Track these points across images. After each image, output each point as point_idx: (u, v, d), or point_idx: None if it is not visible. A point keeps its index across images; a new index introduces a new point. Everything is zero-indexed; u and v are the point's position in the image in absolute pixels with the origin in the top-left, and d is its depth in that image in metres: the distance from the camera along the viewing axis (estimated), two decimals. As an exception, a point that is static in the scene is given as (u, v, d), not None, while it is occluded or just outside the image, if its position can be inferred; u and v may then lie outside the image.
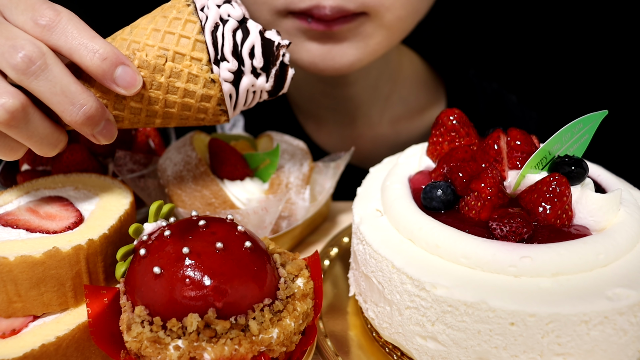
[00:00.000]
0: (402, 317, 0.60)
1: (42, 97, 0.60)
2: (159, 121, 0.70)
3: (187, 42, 0.65)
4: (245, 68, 0.67)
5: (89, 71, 0.62)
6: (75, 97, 0.61)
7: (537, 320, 0.52)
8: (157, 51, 0.65)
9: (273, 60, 0.69)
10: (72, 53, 0.61)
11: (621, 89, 1.55)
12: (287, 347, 0.57)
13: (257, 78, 0.68)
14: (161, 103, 0.67)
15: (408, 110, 1.23)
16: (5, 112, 0.58)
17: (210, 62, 0.66)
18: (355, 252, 0.69)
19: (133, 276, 0.57)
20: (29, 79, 0.59)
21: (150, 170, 0.90)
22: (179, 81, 0.66)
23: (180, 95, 0.67)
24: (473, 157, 0.68)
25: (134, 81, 0.63)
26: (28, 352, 0.56)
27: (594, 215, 0.60)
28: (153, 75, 0.65)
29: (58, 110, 0.61)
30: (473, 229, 0.59)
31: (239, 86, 0.68)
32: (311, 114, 1.24)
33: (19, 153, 0.65)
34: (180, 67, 0.65)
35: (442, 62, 1.28)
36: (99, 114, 0.63)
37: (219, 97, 0.68)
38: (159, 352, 0.52)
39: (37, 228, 0.65)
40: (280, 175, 0.86)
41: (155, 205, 0.62)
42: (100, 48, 0.61)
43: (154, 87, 0.66)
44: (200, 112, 0.69)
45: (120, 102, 0.66)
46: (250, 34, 0.67)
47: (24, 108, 0.59)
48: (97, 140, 0.65)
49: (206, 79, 0.66)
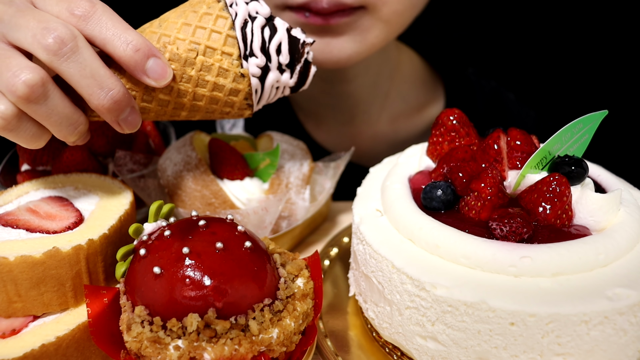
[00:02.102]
0: (402, 317, 0.60)
1: (71, 79, 0.61)
2: (184, 114, 0.71)
3: (219, 37, 0.67)
4: (272, 64, 0.69)
5: (121, 62, 0.63)
6: (103, 81, 0.62)
7: (537, 320, 0.52)
8: (188, 45, 0.66)
9: (298, 58, 0.71)
10: (105, 43, 0.62)
11: (621, 89, 1.55)
12: (287, 347, 0.57)
13: (282, 74, 0.71)
14: (190, 96, 0.69)
15: (407, 107, 1.23)
16: (25, 86, 0.58)
17: (241, 57, 0.68)
18: (355, 252, 0.69)
19: (133, 276, 0.57)
20: (59, 60, 0.59)
21: (150, 170, 0.90)
22: (209, 75, 0.68)
23: (210, 88, 0.68)
24: (473, 157, 0.68)
25: (164, 73, 0.65)
26: (28, 352, 0.56)
27: (594, 215, 0.60)
28: (184, 68, 0.67)
29: (86, 94, 0.62)
30: (473, 229, 0.59)
31: (265, 81, 0.70)
32: (311, 112, 1.24)
33: (40, 141, 0.64)
34: (211, 61, 0.67)
35: (440, 60, 1.28)
36: (125, 99, 0.63)
37: (247, 91, 0.70)
38: (159, 352, 0.52)
39: (37, 228, 0.65)
40: (280, 175, 0.86)
41: (155, 205, 0.62)
42: (133, 39, 0.62)
43: (183, 80, 0.67)
44: (227, 106, 0.71)
45: (149, 94, 0.67)
46: (278, 31, 0.69)
47: (43, 83, 0.59)
48: (120, 128, 0.66)
49: (236, 74, 0.68)
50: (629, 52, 1.55)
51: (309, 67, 0.73)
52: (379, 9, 0.91)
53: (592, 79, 1.57)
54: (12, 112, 0.60)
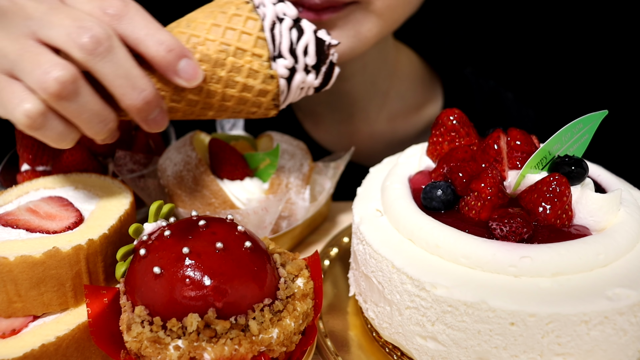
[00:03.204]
0: (402, 317, 0.60)
1: (104, 79, 0.61)
2: (211, 113, 0.71)
3: (249, 38, 0.67)
4: (299, 65, 0.70)
5: (153, 62, 0.63)
6: (136, 82, 0.62)
7: (537, 320, 0.52)
8: (218, 46, 0.67)
9: (323, 59, 0.72)
10: (138, 43, 0.62)
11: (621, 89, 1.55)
12: (287, 347, 0.57)
13: (308, 75, 0.72)
14: (219, 96, 0.69)
15: (405, 107, 1.24)
16: (57, 83, 0.58)
17: (270, 58, 0.69)
18: (355, 252, 0.69)
19: (133, 276, 0.57)
20: (94, 59, 0.59)
21: (150, 170, 0.90)
22: (239, 76, 0.68)
23: (239, 89, 0.69)
24: (473, 157, 0.68)
25: (196, 74, 0.65)
26: (28, 352, 0.56)
27: (594, 215, 0.60)
28: (214, 69, 0.67)
29: (118, 93, 0.62)
30: (473, 229, 0.59)
31: (291, 82, 0.71)
32: (309, 111, 1.24)
33: (67, 140, 0.64)
34: (241, 62, 0.67)
35: (439, 59, 1.28)
36: (155, 100, 0.64)
37: (275, 92, 0.70)
38: (159, 352, 0.52)
39: (37, 228, 0.65)
40: (280, 175, 0.86)
41: (155, 205, 0.62)
42: (166, 40, 0.62)
43: (213, 81, 0.68)
44: (254, 106, 0.72)
45: (178, 94, 0.67)
46: (305, 33, 0.70)
47: (74, 80, 0.59)
48: (148, 127, 0.66)
49: (265, 75, 0.69)
50: (628, 52, 1.55)
51: (333, 68, 0.74)
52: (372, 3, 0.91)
53: (591, 79, 1.57)
54: (38, 110, 0.60)
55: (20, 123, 0.60)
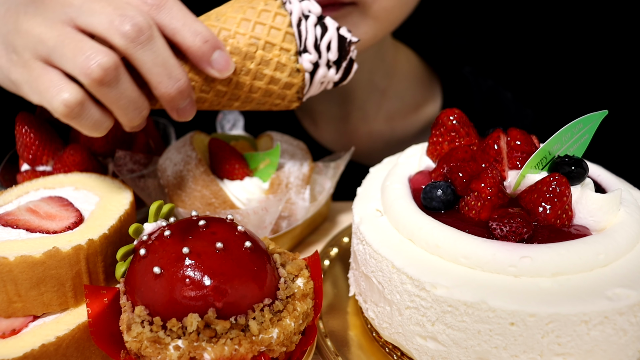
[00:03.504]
0: (402, 317, 0.60)
1: (143, 66, 0.63)
2: (237, 104, 0.75)
3: (278, 33, 0.71)
4: (322, 60, 0.74)
5: (189, 52, 0.65)
6: (172, 71, 0.64)
7: (537, 320, 0.52)
8: (248, 40, 0.70)
9: (344, 55, 0.76)
10: (175, 33, 0.64)
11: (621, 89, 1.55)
12: (287, 347, 0.57)
13: (329, 70, 0.76)
14: (247, 88, 0.73)
15: (404, 106, 1.24)
16: (100, 69, 0.60)
17: (297, 53, 0.72)
18: (355, 252, 0.69)
19: (133, 276, 0.57)
20: (135, 47, 0.61)
21: (150, 170, 0.90)
22: (267, 69, 0.71)
23: (266, 81, 0.72)
24: (473, 157, 0.68)
25: (228, 65, 0.68)
26: (28, 352, 0.56)
27: (594, 215, 0.60)
28: (244, 61, 0.70)
29: (155, 81, 0.64)
30: (473, 229, 0.59)
31: (314, 76, 0.75)
32: (308, 110, 1.24)
33: (102, 128, 0.65)
34: (270, 55, 0.71)
35: (437, 58, 1.28)
36: (188, 90, 0.67)
37: (300, 85, 0.74)
38: (159, 352, 0.52)
39: (37, 228, 0.65)
40: (280, 175, 0.86)
41: (155, 205, 0.62)
42: (202, 31, 0.65)
43: (242, 73, 0.71)
44: (279, 98, 0.75)
45: (208, 85, 0.70)
46: (329, 30, 0.74)
47: (116, 67, 0.61)
48: (177, 116, 0.69)
49: (292, 69, 0.72)
50: (628, 51, 1.55)
51: (352, 64, 0.78)
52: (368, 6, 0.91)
53: (591, 79, 1.57)
54: (76, 99, 0.61)
55: (58, 112, 0.62)
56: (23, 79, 0.64)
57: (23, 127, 0.85)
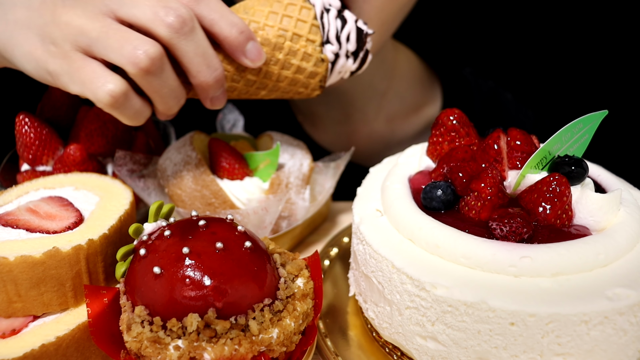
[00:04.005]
0: (402, 317, 0.60)
1: (185, 56, 0.66)
2: (264, 93, 0.80)
3: (304, 25, 0.76)
4: (342, 51, 0.79)
5: (226, 42, 0.69)
6: (211, 61, 0.68)
7: (537, 320, 0.52)
8: (277, 31, 0.75)
9: (361, 46, 0.81)
10: (213, 24, 0.68)
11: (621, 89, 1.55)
12: (287, 347, 0.57)
13: (347, 60, 0.80)
14: (275, 77, 0.77)
15: (404, 107, 1.23)
16: (148, 58, 0.63)
17: (322, 44, 0.77)
18: (355, 252, 0.69)
19: (133, 276, 0.57)
20: (179, 38, 0.64)
21: (150, 170, 0.90)
22: (294, 59, 0.77)
23: (293, 71, 0.78)
24: (473, 157, 0.68)
25: (260, 55, 0.72)
26: (28, 352, 0.56)
27: (594, 215, 0.60)
28: (273, 52, 0.75)
29: (195, 70, 0.67)
30: (473, 229, 0.59)
31: (335, 66, 0.80)
32: (308, 111, 1.24)
33: (142, 118, 0.68)
34: (297, 46, 0.76)
35: (437, 60, 1.28)
36: (222, 79, 0.70)
37: (323, 74, 0.79)
38: (159, 352, 0.52)
39: (37, 228, 0.65)
40: (280, 175, 0.86)
41: (155, 205, 0.62)
42: (238, 22, 0.69)
43: (272, 63, 0.76)
44: (302, 87, 0.81)
45: (239, 74, 0.75)
46: (348, 23, 0.79)
47: (161, 56, 0.64)
48: (211, 104, 0.73)
49: (317, 58, 0.78)
50: (628, 52, 1.55)
51: (367, 55, 0.83)
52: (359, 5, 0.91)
53: (591, 79, 1.57)
54: (121, 90, 0.64)
55: (102, 102, 0.64)
56: (62, 70, 0.66)
57: (23, 127, 0.85)
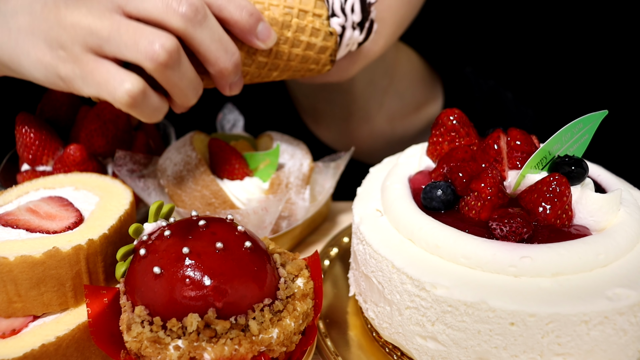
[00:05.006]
0: (402, 317, 0.60)
1: (202, 44, 0.64)
2: (276, 74, 0.79)
3: (309, 0, 0.75)
4: (348, 23, 0.79)
5: (237, 25, 0.67)
6: (228, 46, 0.67)
7: (537, 320, 0.52)
8: (282, 10, 0.74)
9: (366, 16, 0.80)
10: (222, 9, 0.66)
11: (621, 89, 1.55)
12: (287, 347, 0.57)
13: (354, 31, 0.80)
14: (285, 56, 0.77)
15: (405, 106, 1.24)
16: (165, 52, 0.61)
17: (328, 17, 0.77)
18: (355, 252, 0.69)
19: (133, 276, 0.57)
20: (194, 26, 0.63)
21: (150, 170, 0.90)
22: (303, 35, 0.76)
23: (303, 47, 0.77)
24: (473, 157, 0.68)
25: (270, 35, 0.71)
26: (28, 352, 0.56)
27: (594, 215, 0.60)
28: (281, 30, 0.74)
29: (213, 57, 0.66)
30: (473, 229, 0.59)
31: (342, 38, 0.79)
32: (310, 109, 1.25)
33: (160, 114, 0.67)
34: (304, 22, 0.75)
35: (439, 59, 1.28)
36: (240, 63, 0.69)
37: (333, 48, 0.79)
38: (159, 352, 0.52)
39: (37, 228, 0.65)
40: (280, 175, 0.86)
41: (155, 205, 0.62)
42: (246, 4, 0.67)
43: (281, 42, 0.75)
44: (313, 63, 0.80)
45: (250, 57, 0.74)
46: None
47: (178, 48, 0.63)
48: (229, 90, 0.72)
49: (326, 32, 0.77)
50: (629, 52, 1.55)
51: (372, 25, 0.82)
52: None
53: (591, 79, 1.57)
54: (139, 88, 0.62)
55: (121, 102, 0.63)
56: (75, 75, 0.64)
57: (23, 127, 0.85)
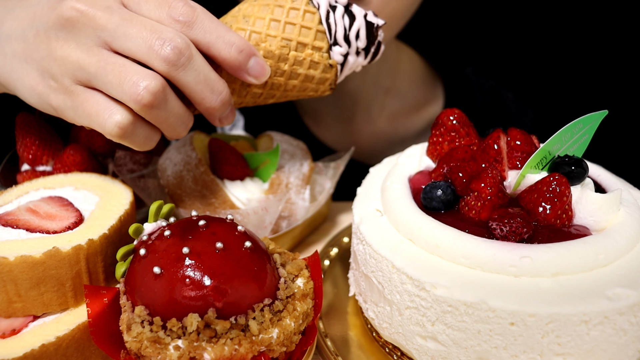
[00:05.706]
0: (402, 317, 0.60)
1: (187, 86, 0.63)
2: (272, 101, 0.78)
3: (309, 32, 0.71)
4: (351, 49, 0.75)
5: (225, 63, 0.65)
6: (214, 85, 0.65)
7: (537, 320, 0.52)
8: (280, 42, 0.70)
9: (373, 40, 0.76)
10: (209, 47, 0.64)
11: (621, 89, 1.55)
12: (287, 347, 0.57)
13: (358, 56, 0.76)
14: (282, 87, 0.74)
15: (406, 106, 1.24)
16: (149, 94, 0.60)
17: (329, 49, 0.73)
18: (355, 252, 0.69)
19: (133, 276, 0.57)
20: (177, 70, 0.61)
21: (150, 170, 0.90)
22: (301, 68, 0.73)
23: (301, 80, 0.74)
24: (473, 157, 0.68)
25: (264, 71, 0.68)
26: (28, 352, 0.56)
27: (594, 215, 0.60)
28: (277, 64, 0.71)
29: (199, 98, 0.65)
30: (473, 229, 0.59)
31: (344, 66, 0.76)
32: (311, 110, 1.25)
33: (152, 143, 0.66)
34: (303, 55, 0.72)
35: (440, 59, 1.28)
36: (229, 99, 0.67)
37: (333, 79, 0.76)
38: (159, 352, 0.52)
39: (37, 228, 0.65)
40: (280, 175, 0.86)
41: (155, 205, 0.62)
42: (235, 41, 0.65)
43: (277, 75, 0.72)
44: (312, 91, 0.77)
45: (244, 89, 0.73)
46: (357, 19, 0.74)
47: (164, 89, 0.61)
48: (220, 123, 0.70)
49: (325, 65, 0.73)
50: (629, 52, 1.55)
51: (379, 47, 0.78)
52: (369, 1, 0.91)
53: (591, 79, 1.57)
54: (128, 120, 0.62)
55: (111, 134, 0.62)
56: (66, 105, 0.64)
57: (23, 127, 0.85)
